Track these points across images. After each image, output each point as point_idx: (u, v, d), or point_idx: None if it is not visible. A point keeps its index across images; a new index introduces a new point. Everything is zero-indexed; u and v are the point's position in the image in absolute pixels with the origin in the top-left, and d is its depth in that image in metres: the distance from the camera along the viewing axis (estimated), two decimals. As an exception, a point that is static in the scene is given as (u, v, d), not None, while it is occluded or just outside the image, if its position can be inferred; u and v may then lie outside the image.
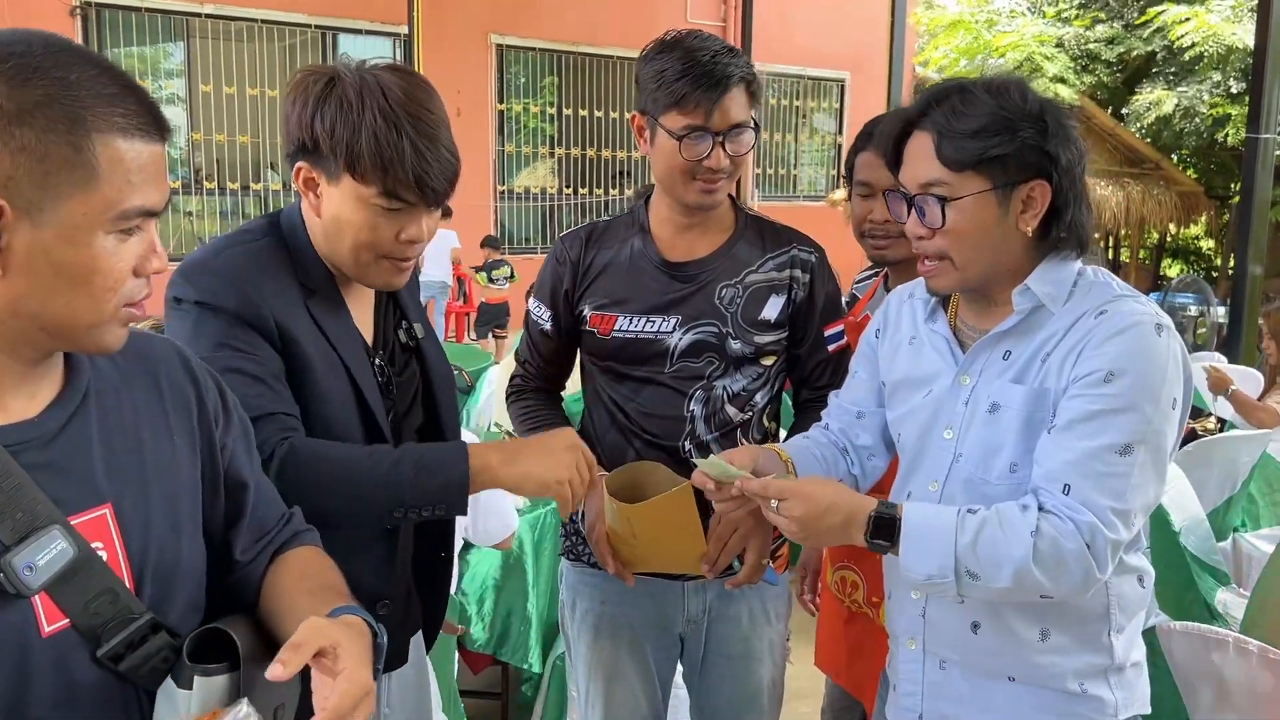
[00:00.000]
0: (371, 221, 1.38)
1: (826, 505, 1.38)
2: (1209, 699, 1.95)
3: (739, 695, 1.95)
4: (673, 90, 1.73)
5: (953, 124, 1.39)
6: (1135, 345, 1.35)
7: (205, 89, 9.79)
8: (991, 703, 1.49)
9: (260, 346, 1.36)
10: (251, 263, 1.41)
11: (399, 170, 1.33)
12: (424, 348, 1.61)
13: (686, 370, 1.83)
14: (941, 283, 1.47)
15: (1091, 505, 1.33)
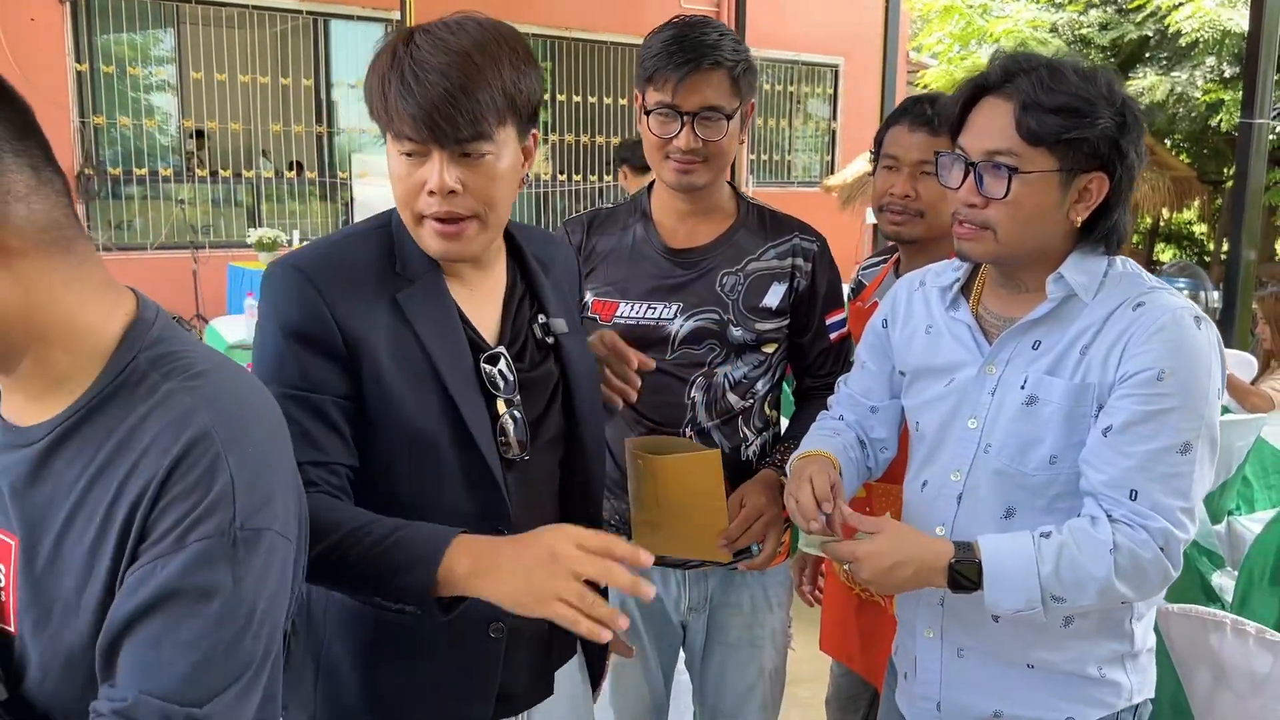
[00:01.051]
0: (399, 172, 1.28)
1: (891, 563, 1.38)
2: (1207, 680, 1.96)
3: (741, 682, 1.97)
4: (648, 65, 1.76)
5: (1039, 96, 1.35)
6: (1179, 340, 1.34)
7: (196, 76, 9.71)
8: (1010, 690, 1.50)
9: (317, 371, 1.25)
10: (332, 259, 1.31)
11: (387, 104, 1.24)
12: (565, 345, 1.45)
13: (688, 357, 1.83)
14: (977, 249, 1.43)
15: (1160, 509, 1.33)
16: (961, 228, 1.43)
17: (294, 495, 1.02)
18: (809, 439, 1.70)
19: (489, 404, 1.34)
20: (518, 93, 1.26)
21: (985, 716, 1.53)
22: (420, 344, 1.29)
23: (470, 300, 1.37)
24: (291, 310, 1.26)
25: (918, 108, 1.97)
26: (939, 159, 1.47)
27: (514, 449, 1.36)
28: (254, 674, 0.94)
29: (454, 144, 1.23)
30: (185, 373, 0.97)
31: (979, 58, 11.32)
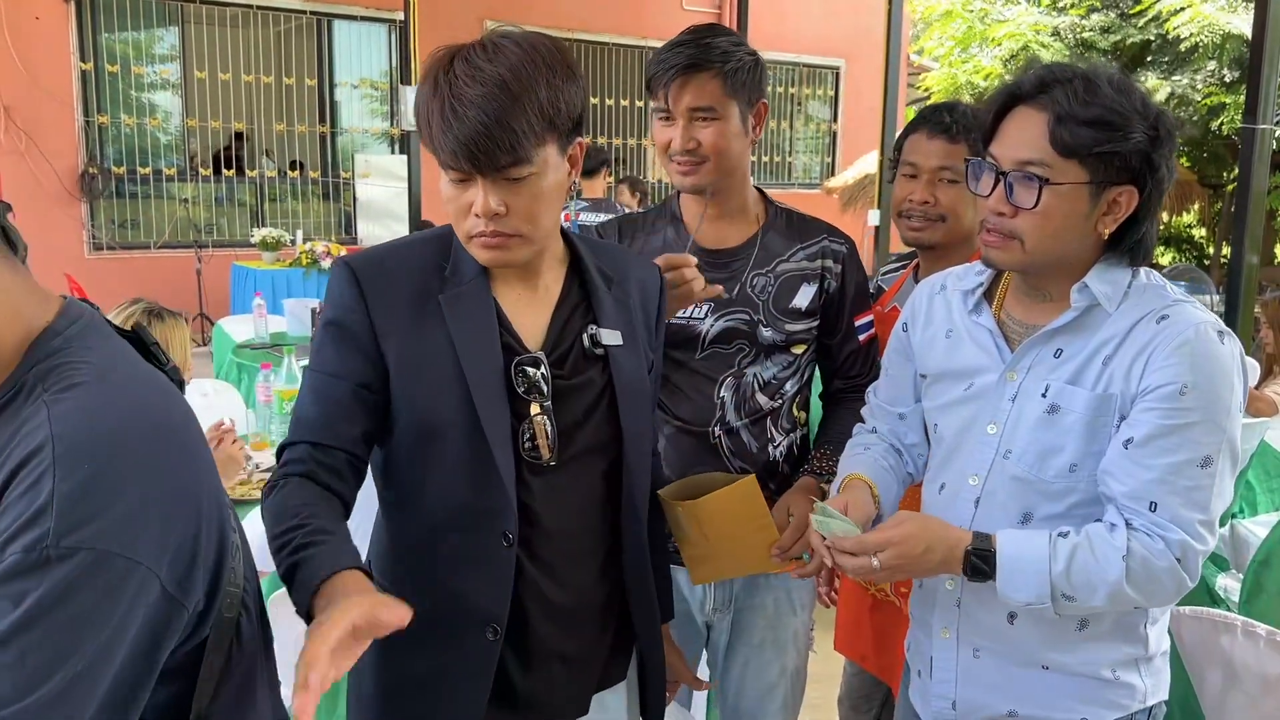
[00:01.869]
0: (449, 194, 1.34)
1: (923, 549, 1.41)
2: (1217, 682, 1.99)
3: (762, 684, 1.99)
4: (649, 72, 1.83)
5: (1074, 108, 1.35)
6: (1203, 355, 1.35)
7: (200, 75, 9.73)
8: (1025, 690, 1.52)
9: (349, 356, 1.36)
10: (384, 260, 1.41)
11: (432, 136, 1.30)
12: (614, 356, 1.46)
13: (717, 356, 1.86)
14: (1004, 258, 1.44)
15: (1180, 521, 1.36)
16: (990, 236, 1.44)
17: (169, 519, 0.94)
18: (845, 462, 1.71)
19: (520, 406, 1.37)
20: (556, 111, 1.29)
21: (1000, 716, 1.55)
22: (451, 343, 1.35)
23: (518, 305, 1.42)
24: (334, 301, 1.39)
25: (936, 116, 2.00)
26: (968, 165, 1.48)
27: (543, 454, 1.38)
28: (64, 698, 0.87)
29: (495, 172, 1.28)
30: (60, 385, 0.94)
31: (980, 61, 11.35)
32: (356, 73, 10.87)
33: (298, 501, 1.29)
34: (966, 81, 11.41)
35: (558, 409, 1.39)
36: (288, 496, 1.30)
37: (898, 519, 1.46)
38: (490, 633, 1.38)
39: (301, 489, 1.31)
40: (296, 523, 1.25)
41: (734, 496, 1.65)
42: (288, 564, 1.20)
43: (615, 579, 1.50)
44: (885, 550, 1.40)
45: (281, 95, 10.24)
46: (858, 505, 1.54)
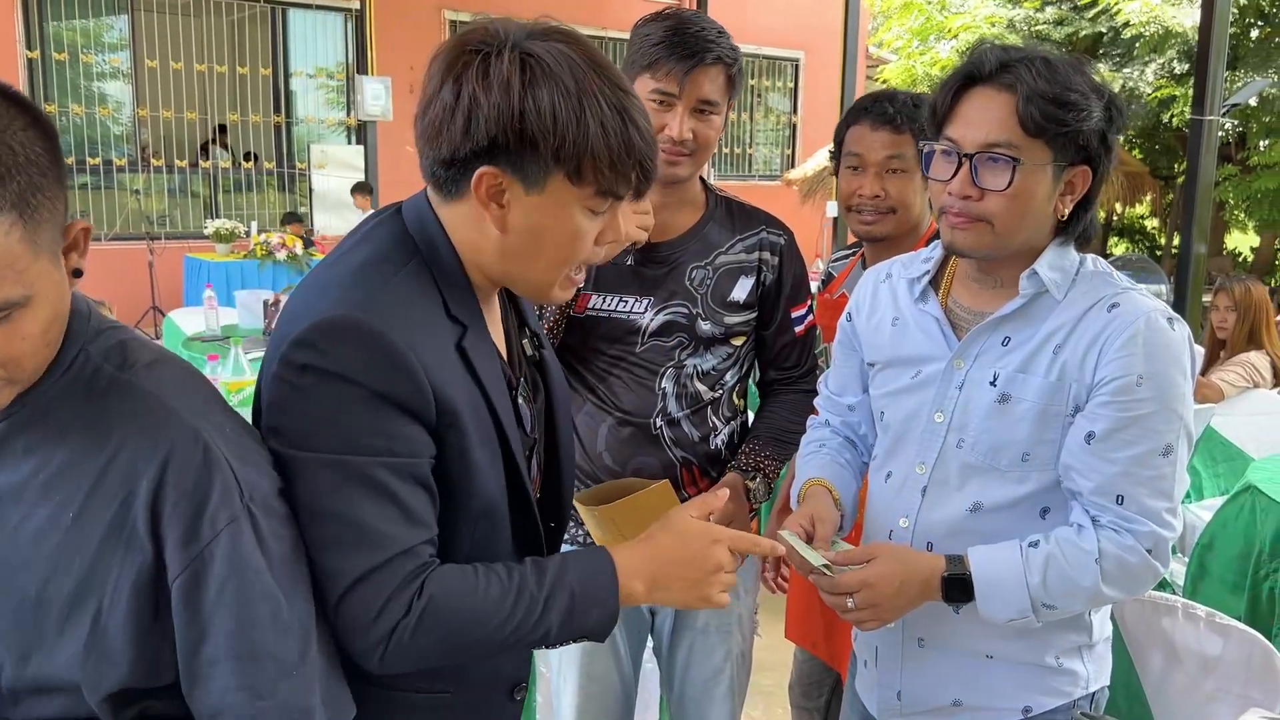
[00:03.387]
0: (579, 229, 1.12)
1: (898, 586, 1.40)
2: (1159, 664, 2.01)
3: (708, 668, 1.99)
4: (649, 53, 1.77)
5: (1039, 87, 1.33)
6: (1155, 344, 1.36)
7: (151, 64, 9.56)
8: (970, 679, 1.53)
9: (411, 440, 1.08)
10: (402, 309, 1.09)
11: (627, 163, 1.09)
12: (545, 359, 1.36)
13: (657, 349, 1.85)
14: (974, 242, 1.41)
15: (1147, 512, 1.37)
16: (956, 219, 1.40)
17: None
18: (804, 461, 1.70)
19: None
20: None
21: (945, 705, 1.56)
22: (486, 398, 1.15)
23: (493, 326, 1.24)
24: (389, 380, 1.05)
25: (878, 106, 1.98)
26: (922, 151, 1.46)
27: (535, 491, 1.29)
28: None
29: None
30: (140, 364, 0.99)
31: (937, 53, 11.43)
32: (312, 62, 10.74)
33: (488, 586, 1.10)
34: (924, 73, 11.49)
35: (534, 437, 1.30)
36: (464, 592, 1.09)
37: (869, 552, 1.43)
38: (518, 693, 1.30)
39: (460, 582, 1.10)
40: (510, 598, 1.10)
41: (651, 500, 1.65)
42: (538, 615, 1.10)
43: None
44: (861, 592, 1.39)
45: (235, 85, 10.10)
46: (823, 519, 1.52)
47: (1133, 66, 10.54)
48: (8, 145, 0.85)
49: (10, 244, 0.85)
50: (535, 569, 1.13)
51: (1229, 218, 12.13)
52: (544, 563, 1.14)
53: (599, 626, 1.15)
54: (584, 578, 1.14)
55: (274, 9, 10.26)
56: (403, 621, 1.05)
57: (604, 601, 1.14)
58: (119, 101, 9.75)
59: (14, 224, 0.85)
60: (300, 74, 10.66)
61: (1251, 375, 4.34)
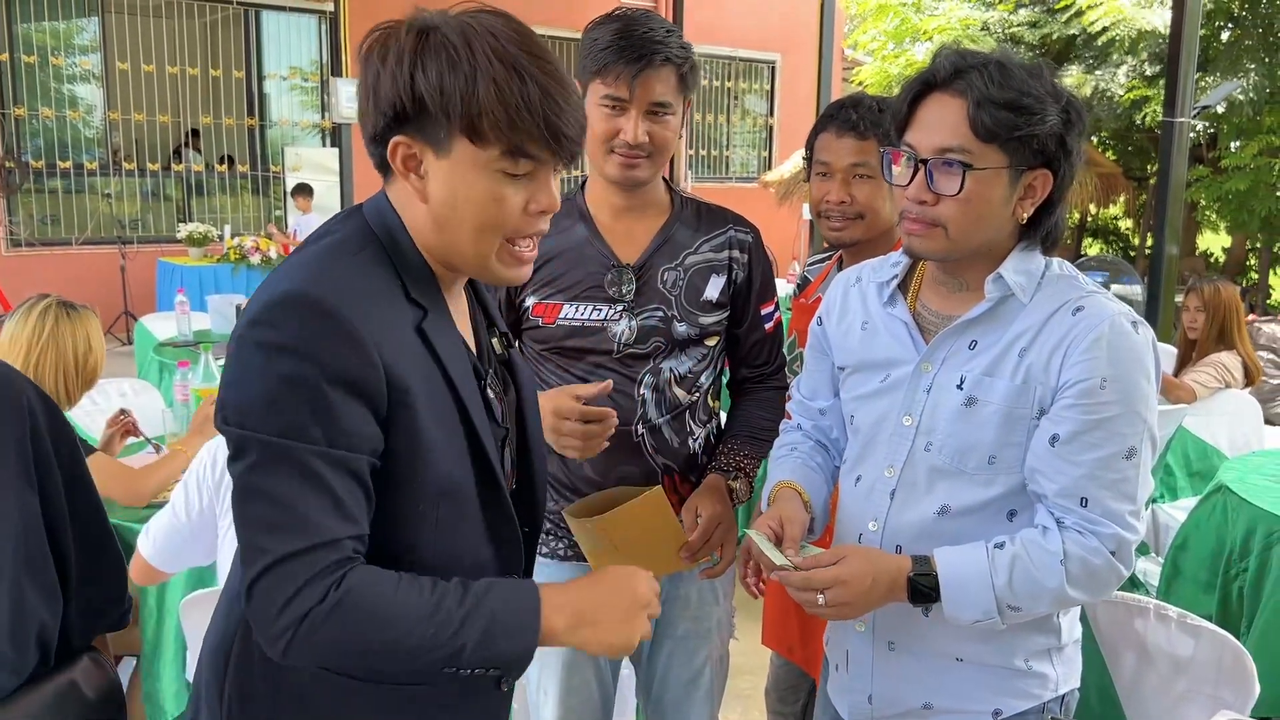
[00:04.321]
0: (496, 192, 1.12)
1: (869, 583, 1.39)
2: (1132, 664, 2.02)
3: (686, 672, 1.98)
4: (598, 58, 1.75)
5: (991, 93, 1.34)
6: (1119, 348, 1.36)
7: (122, 66, 9.48)
8: (940, 682, 1.52)
9: (353, 432, 1.06)
10: (358, 290, 1.10)
11: (527, 119, 1.08)
12: (513, 358, 1.35)
13: (634, 355, 1.84)
14: (928, 246, 1.42)
15: (1110, 514, 1.37)
16: (912, 224, 1.42)
17: None
18: (775, 464, 1.70)
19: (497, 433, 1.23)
20: None
21: (915, 709, 1.55)
22: (448, 380, 1.15)
23: (460, 320, 1.24)
24: (338, 354, 1.05)
25: (843, 114, 1.99)
26: (883, 156, 1.47)
27: (509, 483, 1.26)
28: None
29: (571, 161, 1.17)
30: None
31: (913, 55, 11.47)
32: (286, 65, 10.68)
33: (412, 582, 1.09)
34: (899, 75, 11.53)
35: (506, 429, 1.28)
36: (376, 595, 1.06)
37: (838, 553, 1.43)
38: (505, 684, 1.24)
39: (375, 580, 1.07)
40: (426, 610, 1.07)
41: (645, 508, 1.64)
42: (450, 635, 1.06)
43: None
44: (832, 588, 1.39)
45: (208, 87, 10.02)
46: (792, 520, 1.52)
47: (1105, 68, 10.62)
48: None
49: None
50: (459, 587, 1.10)
51: (1201, 219, 12.23)
52: (470, 584, 1.11)
53: (515, 659, 1.11)
54: (506, 606, 1.10)
55: (247, 11, 10.20)
56: (316, 609, 1.02)
57: (523, 633, 1.10)
58: (90, 104, 9.66)
59: None
60: (274, 76, 10.60)
61: (1224, 375, 4.37)
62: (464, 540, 1.18)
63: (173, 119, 9.86)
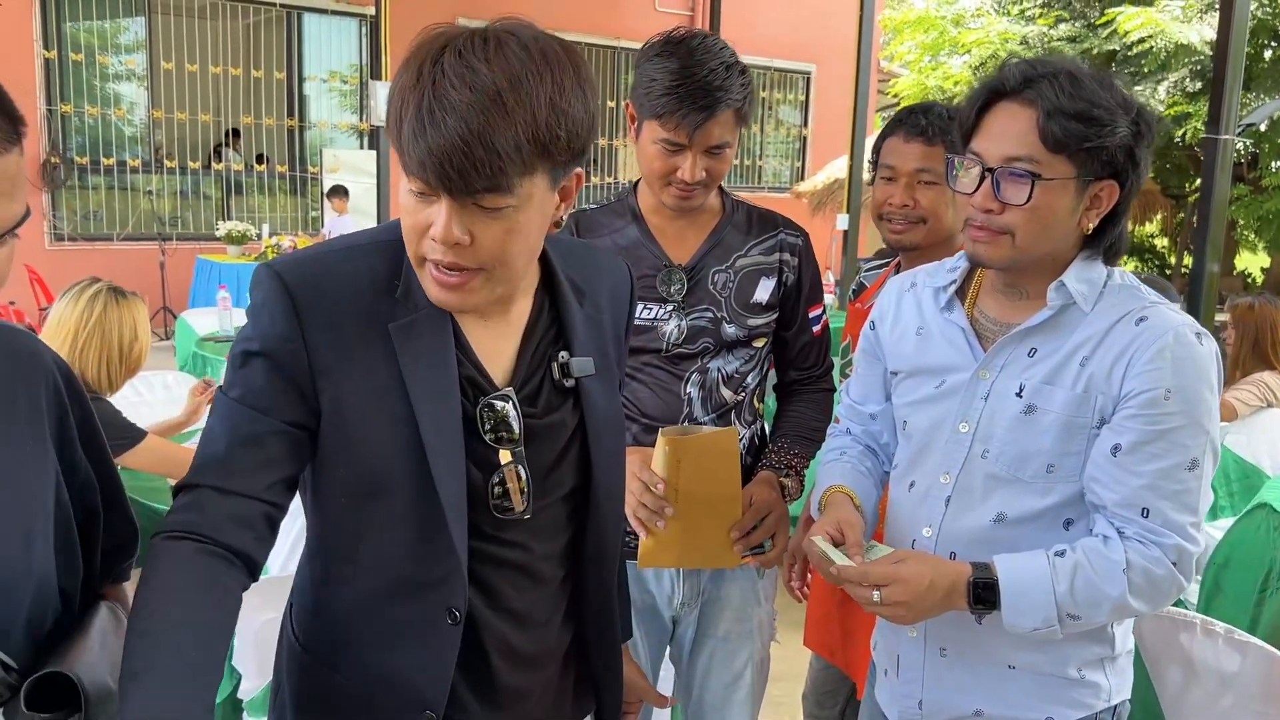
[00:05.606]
0: (407, 206, 1.11)
1: (927, 585, 1.39)
2: (1177, 680, 2.01)
3: (728, 673, 1.99)
4: (659, 103, 1.74)
5: (1062, 103, 1.34)
6: (1183, 359, 1.36)
7: (167, 66, 9.62)
8: (992, 690, 1.52)
9: (279, 391, 1.12)
10: (324, 272, 1.15)
11: (400, 136, 1.07)
12: (586, 388, 1.26)
13: (682, 354, 1.86)
14: (993, 254, 1.42)
15: (1172, 525, 1.37)
16: (978, 232, 1.42)
17: None
18: (824, 469, 1.70)
19: (484, 453, 1.18)
20: (554, 138, 1.07)
21: (966, 715, 1.55)
22: (401, 383, 1.14)
23: (482, 332, 1.21)
24: (261, 324, 1.14)
25: (912, 119, 2.01)
26: (948, 164, 1.47)
27: (515, 506, 1.20)
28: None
29: (465, 195, 1.05)
30: None
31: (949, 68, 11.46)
32: (326, 67, 10.79)
33: (166, 591, 1.04)
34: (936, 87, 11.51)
35: (529, 453, 1.21)
36: (160, 579, 1.04)
37: (898, 556, 1.43)
38: (451, 618, 1.19)
39: (182, 567, 1.05)
40: (152, 625, 1.01)
41: (716, 441, 1.70)
42: (127, 684, 0.97)
43: (577, 618, 1.34)
44: (890, 586, 1.38)
45: (249, 88, 10.14)
46: (851, 524, 1.51)
47: (1145, 84, 10.55)
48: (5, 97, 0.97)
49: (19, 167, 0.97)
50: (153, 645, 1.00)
51: (1239, 238, 12.11)
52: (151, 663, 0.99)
53: None
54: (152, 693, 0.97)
55: (289, 13, 10.32)
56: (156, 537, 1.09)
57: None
58: (133, 102, 9.80)
59: (19, 153, 0.97)
60: (314, 78, 10.71)
61: (1265, 394, 4.33)
62: (392, 546, 1.17)
63: (214, 118, 9.99)
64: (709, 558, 1.85)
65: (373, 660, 1.21)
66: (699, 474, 1.74)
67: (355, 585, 1.20)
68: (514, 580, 1.24)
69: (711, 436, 1.76)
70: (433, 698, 1.19)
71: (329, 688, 1.24)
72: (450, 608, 1.17)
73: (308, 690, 1.27)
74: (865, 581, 1.40)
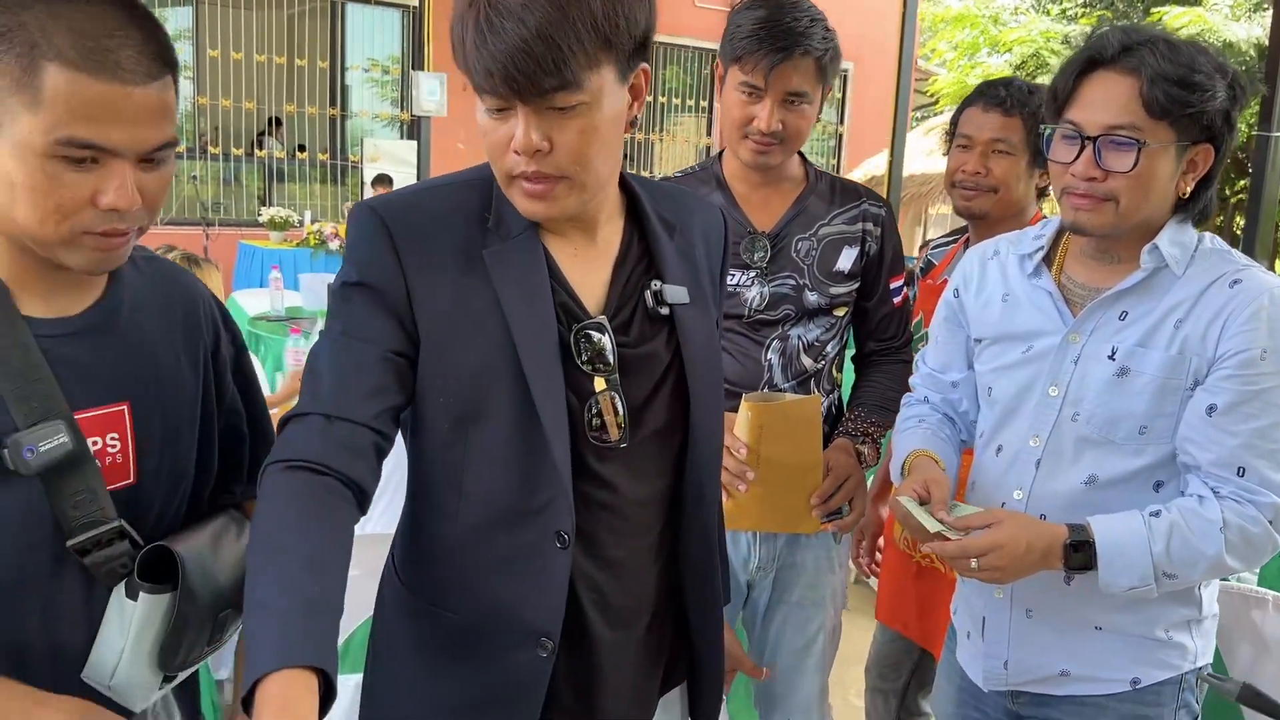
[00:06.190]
0: (487, 128, 1.13)
1: (1024, 548, 1.41)
2: (1248, 655, 2.02)
3: (800, 639, 2.02)
4: (738, 46, 1.80)
5: (1164, 69, 1.36)
6: (1278, 320, 1.39)
7: (213, 54, 9.73)
8: (1077, 650, 1.54)
9: (380, 319, 1.15)
10: (417, 206, 1.20)
11: (465, 55, 1.08)
12: (681, 316, 1.25)
13: (763, 320, 1.89)
14: (1097, 221, 1.45)
15: (1268, 484, 1.39)
16: (1080, 200, 1.44)
17: None
18: (902, 436, 1.72)
19: (580, 381, 1.19)
20: (614, 27, 1.08)
21: (1052, 675, 1.57)
22: (499, 309, 1.16)
23: (574, 262, 1.22)
24: (359, 256, 1.17)
25: (992, 90, 2.06)
26: (1043, 135, 1.50)
27: (611, 435, 1.20)
28: None
29: (537, 97, 1.07)
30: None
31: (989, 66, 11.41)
32: (368, 57, 10.88)
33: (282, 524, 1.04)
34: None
35: (624, 382, 1.21)
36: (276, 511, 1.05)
37: (992, 516, 1.45)
38: (542, 649, 1.20)
39: (295, 497, 1.06)
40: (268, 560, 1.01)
41: (799, 409, 1.74)
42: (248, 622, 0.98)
43: (675, 572, 1.32)
44: (989, 553, 1.41)
45: (292, 76, 10.24)
46: (937, 482, 1.53)
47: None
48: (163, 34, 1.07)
49: (170, 96, 1.07)
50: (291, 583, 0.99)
51: (1281, 241, 11.98)
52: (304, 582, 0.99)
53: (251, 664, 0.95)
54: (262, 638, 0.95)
55: (332, 3, 10.41)
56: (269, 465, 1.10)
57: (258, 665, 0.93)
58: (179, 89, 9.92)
59: (170, 82, 1.07)
60: (356, 68, 10.80)
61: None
62: (496, 473, 1.18)
63: (257, 106, 10.10)
64: (787, 522, 1.89)
65: (483, 592, 1.21)
66: (781, 440, 1.77)
67: (461, 519, 1.21)
68: (610, 524, 1.23)
69: (795, 404, 1.79)
70: (546, 626, 1.19)
71: (442, 628, 1.25)
72: (558, 531, 1.17)
73: (420, 634, 1.27)
74: (964, 554, 1.42)
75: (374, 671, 1.32)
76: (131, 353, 1.17)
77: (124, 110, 1.02)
